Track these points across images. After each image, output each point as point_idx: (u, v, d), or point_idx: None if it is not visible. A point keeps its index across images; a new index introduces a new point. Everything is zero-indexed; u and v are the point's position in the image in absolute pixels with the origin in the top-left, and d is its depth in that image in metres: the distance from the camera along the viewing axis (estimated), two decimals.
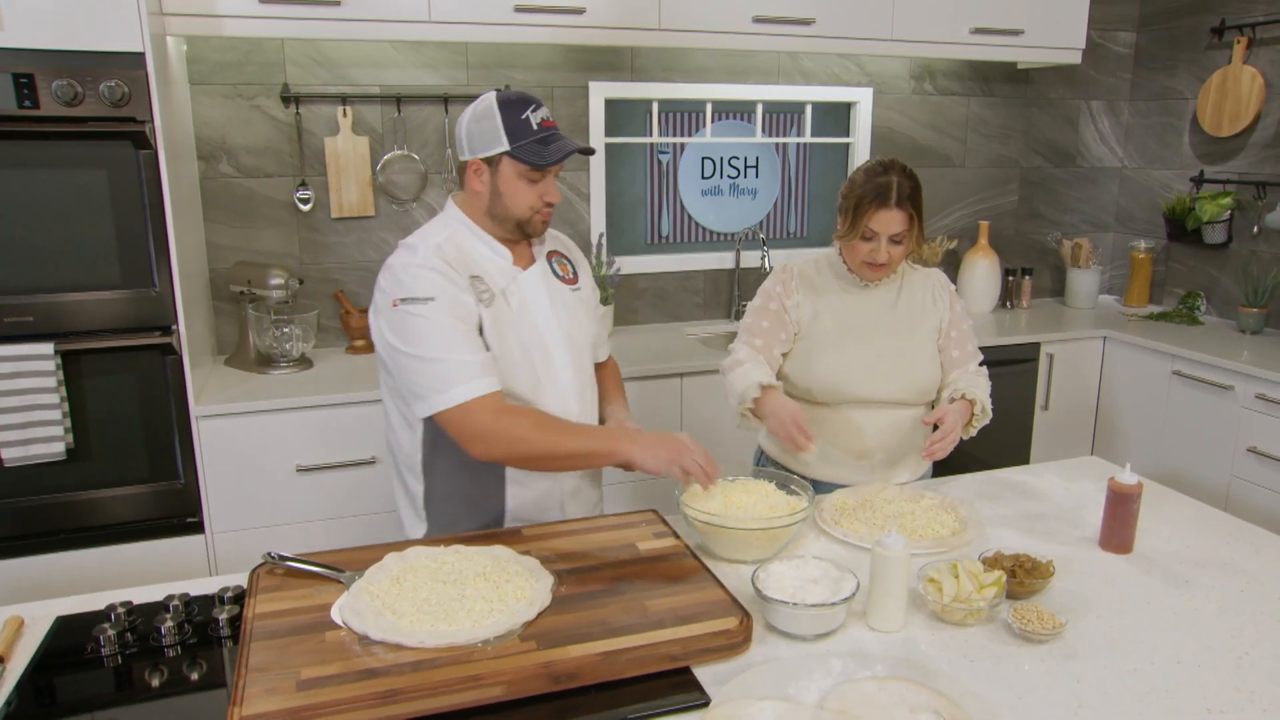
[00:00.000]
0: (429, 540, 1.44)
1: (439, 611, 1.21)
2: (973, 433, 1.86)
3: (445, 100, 2.92)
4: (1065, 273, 3.73)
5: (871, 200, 1.74)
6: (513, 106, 1.48)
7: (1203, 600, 1.39)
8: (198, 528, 2.41)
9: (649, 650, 1.16)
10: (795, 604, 1.23)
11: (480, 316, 1.52)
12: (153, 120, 2.18)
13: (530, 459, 1.49)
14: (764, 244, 3.33)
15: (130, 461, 2.33)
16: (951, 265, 3.60)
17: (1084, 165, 3.82)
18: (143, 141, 2.18)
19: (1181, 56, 3.57)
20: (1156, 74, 3.68)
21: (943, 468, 2.01)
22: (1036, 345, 3.21)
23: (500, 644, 1.16)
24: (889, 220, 1.75)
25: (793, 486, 1.58)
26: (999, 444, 3.20)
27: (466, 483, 1.61)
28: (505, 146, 1.47)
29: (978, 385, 1.87)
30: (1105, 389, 3.33)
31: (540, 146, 1.48)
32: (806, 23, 2.89)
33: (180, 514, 2.39)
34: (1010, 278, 3.63)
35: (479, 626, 1.18)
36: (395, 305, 1.47)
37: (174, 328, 2.30)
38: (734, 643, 1.20)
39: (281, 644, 1.15)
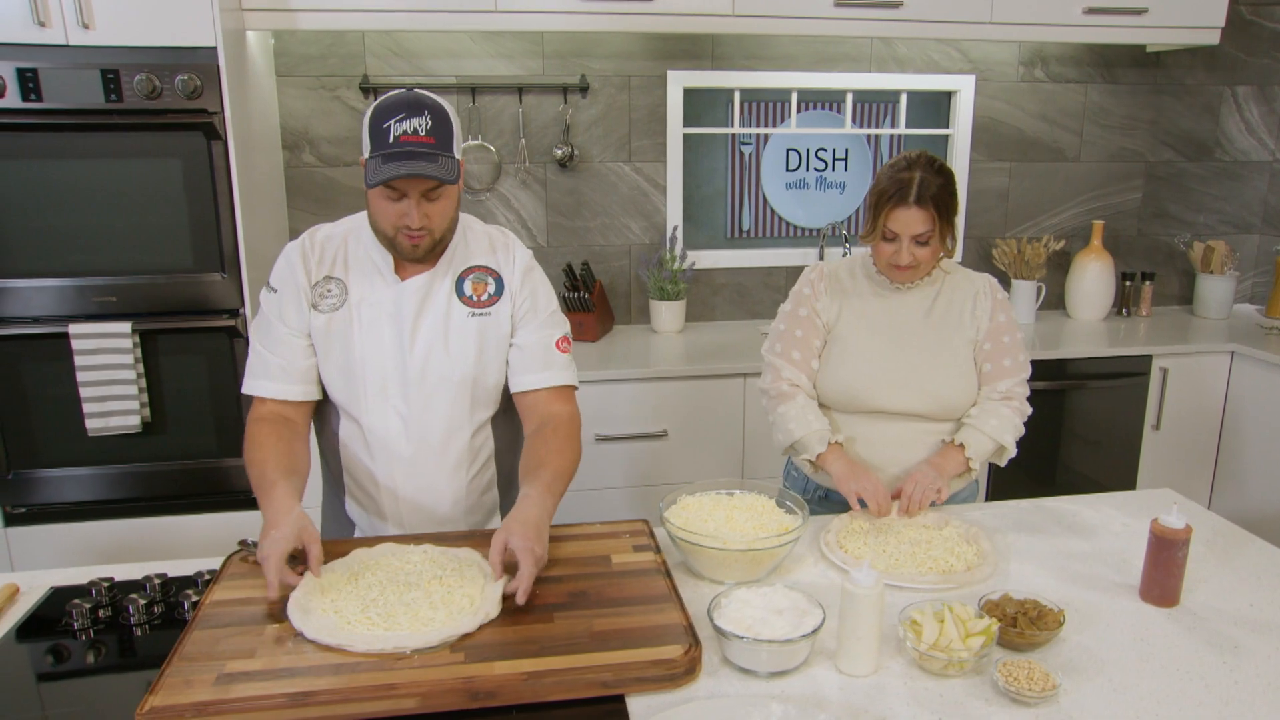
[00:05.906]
0: (400, 538, 1.43)
1: (382, 613, 1.20)
2: (967, 481, 1.74)
3: (520, 90, 2.92)
4: (1195, 278, 3.34)
5: (890, 197, 1.62)
6: (382, 113, 1.34)
7: (1250, 672, 1.19)
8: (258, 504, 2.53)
9: (577, 675, 1.10)
10: (745, 637, 1.14)
11: (310, 321, 1.47)
12: (223, 112, 2.29)
13: None
14: (846, 240, 3.15)
15: (200, 437, 2.47)
16: (1060, 268, 3.30)
17: (1225, 159, 3.40)
18: (213, 132, 2.29)
19: None
20: None
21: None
22: (1148, 358, 2.88)
23: (429, 654, 1.13)
24: (908, 219, 1.61)
25: (789, 504, 1.47)
26: (1102, 463, 2.90)
27: (330, 473, 1.64)
28: (365, 155, 1.37)
29: (986, 420, 1.68)
30: (1231, 410, 2.96)
31: (379, 164, 1.31)
32: (894, 6, 2.70)
33: (244, 490, 2.52)
34: (1128, 283, 3.28)
35: (414, 634, 1.16)
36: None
37: (240, 312, 2.41)
38: (673, 674, 1.12)
39: (220, 634, 1.16)
